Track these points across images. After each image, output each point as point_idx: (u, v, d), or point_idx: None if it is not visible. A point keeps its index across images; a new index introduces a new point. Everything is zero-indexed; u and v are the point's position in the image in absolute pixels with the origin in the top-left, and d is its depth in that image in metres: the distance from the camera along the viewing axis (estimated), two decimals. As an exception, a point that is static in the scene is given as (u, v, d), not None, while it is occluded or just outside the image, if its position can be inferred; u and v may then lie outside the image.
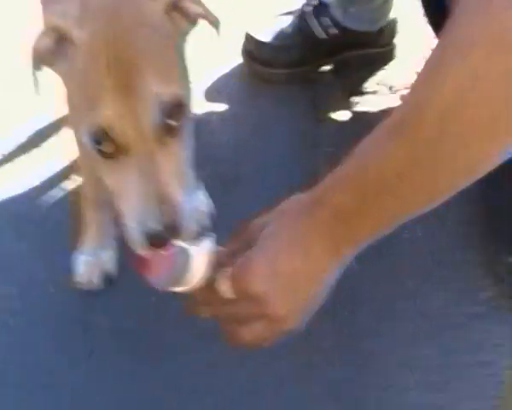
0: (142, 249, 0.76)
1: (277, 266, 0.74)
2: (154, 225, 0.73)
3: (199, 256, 0.76)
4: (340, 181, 0.73)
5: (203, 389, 1.07)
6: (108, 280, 1.18)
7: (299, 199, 0.78)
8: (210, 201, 1.30)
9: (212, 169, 1.41)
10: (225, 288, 0.77)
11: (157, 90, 0.75)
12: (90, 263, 1.18)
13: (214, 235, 0.78)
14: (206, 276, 0.77)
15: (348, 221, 0.72)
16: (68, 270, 1.20)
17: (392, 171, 0.67)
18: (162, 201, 0.74)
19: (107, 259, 1.19)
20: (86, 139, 0.78)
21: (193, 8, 0.84)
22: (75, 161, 1.26)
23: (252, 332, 0.79)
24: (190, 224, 0.77)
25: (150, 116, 0.75)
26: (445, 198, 0.70)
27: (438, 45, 0.64)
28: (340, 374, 1.06)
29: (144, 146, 0.75)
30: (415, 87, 0.67)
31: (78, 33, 0.77)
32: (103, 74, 0.74)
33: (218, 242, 0.80)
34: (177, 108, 0.78)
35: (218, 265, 0.79)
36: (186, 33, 0.89)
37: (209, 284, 0.79)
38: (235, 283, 0.76)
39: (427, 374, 1.06)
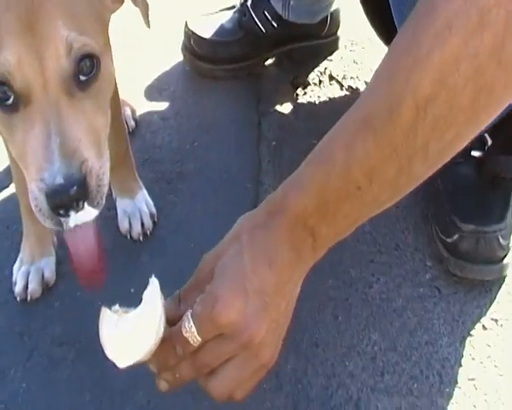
0: (50, 222, 0.71)
1: (246, 287, 0.70)
2: (55, 180, 0.66)
3: (144, 308, 0.71)
4: (300, 185, 0.69)
5: (142, 395, 1.05)
6: (46, 287, 1.16)
7: (250, 216, 0.74)
8: (151, 201, 1.29)
9: (156, 169, 1.40)
10: (192, 334, 0.71)
11: (66, 34, 0.69)
12: (27, 271, 1.16)
13: (157, 282, 0.73)
14: (162, 332, 0.71)
15: (309, 226, 0.69)
16: (4, 280, 1.18)
17: (360, 168, 0.63)
18: (66, 154, 0.67)
19: (46, 266, 1.17)
20: None
21: None
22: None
23: (225, 378, 0.73)
24: (100, 187, 0.72)
25: (57, 62, 0.69)
26: (410, 189, 0.67)
27: (409, 30, 0.61)
28: (284, 367, 1.05)
29: (49, 95, 0.69)
30: (387, 75, 0.63)
31: None
32: (8, 15, 0.68)
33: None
34: (88, 60, 0.73)
35: (170, 317, 0.74)
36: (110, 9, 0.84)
37: (169, 340, 0.73)
38: (201, 321, 0.71)
39: (373, 359, 1.06)
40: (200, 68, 1.64)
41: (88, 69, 0.74)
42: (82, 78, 0.73)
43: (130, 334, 0.71)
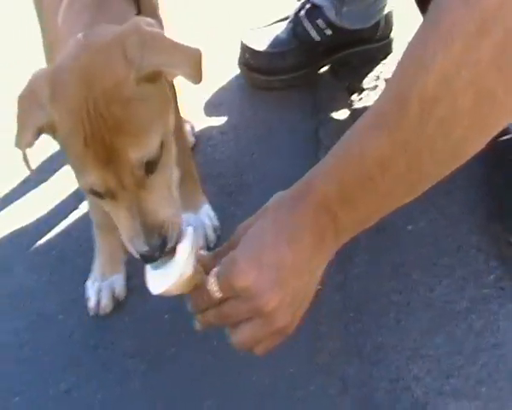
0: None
1: (263, 259, 0.75)
2: (142, 249, 0.84)
3: (180, 251, 0.81)
4: (323, 173, 0.74)
5: (210, 403, 1.08)
6: (117, 303, 1.22)
7: (281, 196, 0.79)
8: (214, 214, 1.32)
9: (217, 183, 1.43)
10: (213, 288, 0.79)
11: (135, 158, 0.82)
12: (99, 288, 1.22)
13: (193, 231, 0.83)
14: (190, 272, 0.79)
15: (331, 212, 0.73)
16: (78, 297, 1.24)
17: (374, 161, 0.68)
18: (147, 228, 0.85)
19: (117, 282, 1.23)
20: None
21: (169, 74, 0.87)
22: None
23: (243, 333, 0.80)
24: (175, 228, 0.86)
25: (131, 176, 0.83)
26: (426, 187, 0.70)
27: (420, 33, 0.65)
28: (349, 372, 1.07)
29: (127, 194, 0.84)
30: (397, 76, 0.68)
31: (53, 118, 0.83)
32: (82, 150, 0.82)
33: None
34: (156, 151, 0.85)
35: (205, 268, 0.82)
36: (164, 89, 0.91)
37: (199, 288, 0.81)
38: (221, 280, 0.78)
39: (438, 362, 1.06)
40: (256, 80, 1.67)
41: (157, 153, 0.86)
42: (151, 161, 0.85)
43: (162, 270, 0.82)
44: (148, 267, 0.84)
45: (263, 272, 0.75)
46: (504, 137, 1.22)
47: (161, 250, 0.84)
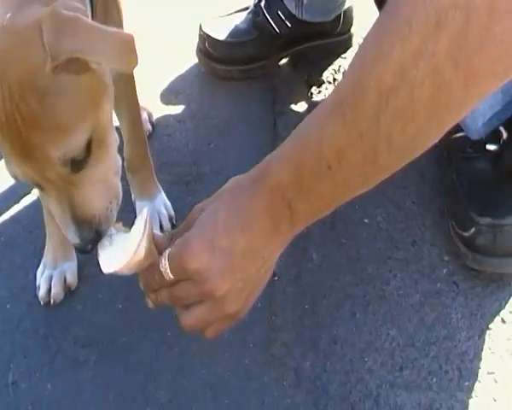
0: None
1: (214, 243, 0.74)
2: (75, 241, 0.85)
3: (134, 229, 0.80)
4: (280, 159, 0.73)
5: (164, 393, 1.07)
6: (69, 292, 1.19)
7: (238, 179, 0.79)
8: (169, 204, 1.31)
9: (173, 171, 1.42)
10: (165, 269, 0.78)
11: (57, 155, 0.77)
12: (50, 275, 1.19)
13: (147, 211, 0.81)
14: (142, 254, 0.78)
15: (287, 199, 0.72)
16: (27, 284, 1.21)
17: (331, 149, 0.67)
18: (77, 221, 0.83)
19: (68, 270, 1.20)
20: None
21: (91, 62, 0.79)
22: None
23: (192, 316, 0.80)
24: (109, 220, 0.86)
25: (54, 171, 0.79)
26: (382, 178, 0.70)
27: (378, 25, 0.64)
28: (303, 365, 1.07)
29: (54, 187, 0.82)
30: (355, 66, 0.67)
31: None
32: (4, 141, 0.77)
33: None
34: (80, 150, 0.80)
35: (160, 248, 0.81)
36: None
37: (153, 267, 0.80)
38: (173, 262, 0.77)
39: (391, 355, 1.07)
40: (215, 70, 1.65)
41: (82, 153, 0.81)
42: (78, 159, 0.81)
43: (115, 248, 0.82)
44: (100, 245, 0.84)
45: (215, 256, 0.75)
46: (457, 135, 1.23)
47: (94, 243, 0.84)
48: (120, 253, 0.80)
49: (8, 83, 0.74)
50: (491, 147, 1.20)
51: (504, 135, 1.20)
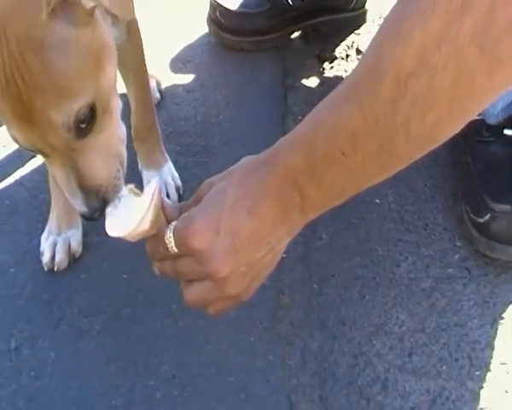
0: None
1: (220, 224, 0.72)
2: (81, 209, 0.84)
3: (143, 194, 0.78)
4: (292, 143, 0.70)
5: (167, 367, 1.05)
6: (73, 259, 1.17)
7: (250, 159, 0.75)
8: (176, 174, 1.28)
9: (181, 142, 1.39)
10: (170, 242, 0.76)
11: (60, 119, 0.75)
12: (54, 241, 1.16)
13: (157, 182, 0.78)
14: (146, 226, 0.76)
15: (298, 185, 0.69)
16: (31, 249, 1.19)
17: (345, 134, 0.64)
18: (84, 189, 0.82)
19: (73, 237, 1.17)
20: None
21: (84, 3, 0.76)
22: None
23: (194, 292, 0.78)
24: (116, 189, 0.84)
25: (57, 137, 0.77)
26: (398, 168, 0.67)
27: (398, 7, 0.61)
28: (310, 345, 1.05)
29: (58, 151, 0.80)
30: (373, 48, 0.64)
31: None
32: (5, 105, 0.75)
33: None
34: (84, 115, 0.78)
35: (168, 218, 0.79)
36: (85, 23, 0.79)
37: (159, 237, 0.78)
38: (177, 237, 0.75)
39: (401, 339, 1.05)
40: (225, 40, 1.62)
41: (86, 119, 0.79)
42: (82, 126, 0.79)
43: (122, 213, 0.81)
44: (109, 206, 0.83)
45: (219, 237, 0.72)
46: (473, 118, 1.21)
47: (101, 211, 0.83)
48: (126, 219, 0.78)
49: (6, 41, 0.72)
50: (508, 132, 1.18)
51: (523, 121, 1.18)
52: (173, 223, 0.77)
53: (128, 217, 0.78)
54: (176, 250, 0.76)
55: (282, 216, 0.72)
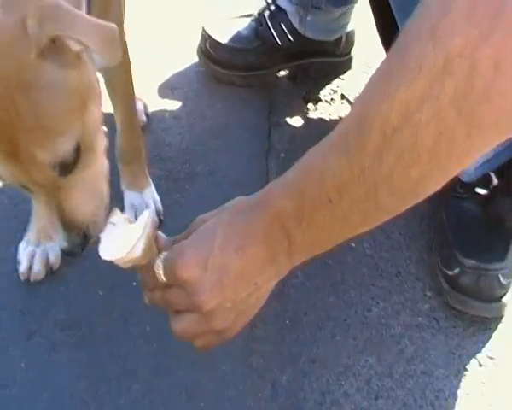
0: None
1: (208, 259, 0.74)
2: (62, 245, 0.86)
3: (136, 222, 0.81)
4: (283, 186, 0.73)
5: (138, 387, 1.06)
6: (51, 272, 1.17)
7: (241, 200, 0.78)
8: (158, 198, 1.30)
9: (164, 167, 1.41)
10: (159, 272, 0.79)
11: (46, 158, 0.76)
12: (32, 252, 1.17)
13: (152, 211, 0.83)
14: (137, 255, 0.78)
15: (286, 228, 0.72)
16: (8, 258, 1.19)
17: (333, 182, 0.66)
18: (66, 225, 0.84)
19: (52, 250, 1.18)
20: None
21: (73, 43, 0.76)
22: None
23: (182, 323, 0.80)
24: (97, 225, 0.86)
25: (42, 175, 0.78)
26: (382, 220, 0.69)
27: (387, 63, 0.64)
28: (280, 378, 1.07)
29: (42, 190, 0.81)
30: (362, 100, 0.67)
31: None
32: None
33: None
34: (69, 154, 0.79)
35: (161, 250, 0.81)
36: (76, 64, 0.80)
37: (150, 266, 0.80)
38: (167, 267, 0.78)
39: (368, 382, 1.08)
40: (214, 72, 1.65)
41: (71, 158, 0.80)
42: (66, 164, 0.80)
43: (116, 239, 0.81)
44: (103, 231, 0.83)
45: (206, 272, 0.74)
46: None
47: (82, 247, 0.86)
48: (119, 245, 0.80)
49: None
50: (480, 190, 1.23)
51: (495, 181, 1.23)
52: (164, 253, 0.79)
53: (121, 243, 0.80)
54: (165, 280, 0.79)
55: (270, 258, 0.74)
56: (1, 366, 1.05)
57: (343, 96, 1.62)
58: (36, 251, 1.17)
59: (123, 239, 0.80)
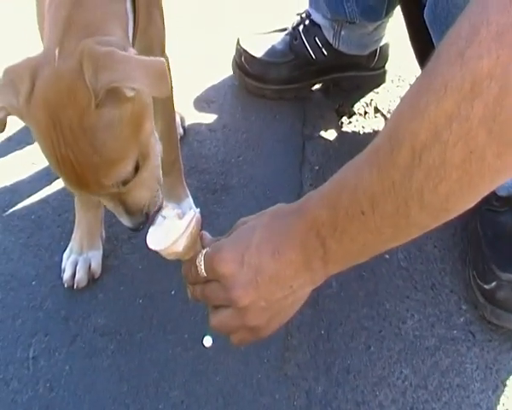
0: None
1: (245, 257, 0.77)
2: (128, 225, 0.96)
3: (182, 219, 0.85)
4: (319, 197, 0.76)
5: (177, 393, 1.08)
6: (92, 279, 1.21)
7: (281, 207, 0.82)
8: (197, 209, 1.32)
9: (201, 179, 1.43)
10: (200, 265, 0.82)
11: (105, 183, 0.86)
12: (75, 260, 1.20)
13: (198, 211, 0.86)
14: (179, 249, 0.82)
15: (321, 236, 0.74)
16: (53, 265, 1.23)
17: (365, 195, 0.69)
18: (130, 213, 0.95)
19: (94, 258, 1.21)
20: None
21: (128, 90, 0.83)
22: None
23: (219, 317, 0.83)
24: (157, 203, 0.97)
25: (103, 193, 0.89)
26: (414, 235, 0.71)
27: (418, 82, 0.66)
28: (315, 387, 1.08)
29: (105, 198, 0.92)
30: (394, 117, 0.69)
31: (25, 120, 0.84)
32: (55, 167, 0.85)
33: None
34: (130, 173, 0.88)
35: (203, 247, 0.85)
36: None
37: (193, 262, 0.83)
38: (206, 261, 0.81)
39: (403, 393, 1.08)
40: (248, 85, 1.68)
41: (131, 175, 0.89)
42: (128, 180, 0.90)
43: (162, 230, 0.85)
44: (153, 222, 0.88)
45: (243, 268, 0.77)
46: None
47: (145, 223, 0.95)
48: (164, 237, 0.84)
49: (61, 128, 0.80)
50: (517, 204, 1.23)
51: (532, 195, 1.23)
52: (205, 249, 0.83)
53: (166, 235, 0.84)
54: (205, 274, 0.82)
55: (305, 264, 0.77)
56: (48, 370, 1.09)
57: (377, 110, 1.63)
58: (78, 259, 1.21)
59: (168, 232, 0.84)
